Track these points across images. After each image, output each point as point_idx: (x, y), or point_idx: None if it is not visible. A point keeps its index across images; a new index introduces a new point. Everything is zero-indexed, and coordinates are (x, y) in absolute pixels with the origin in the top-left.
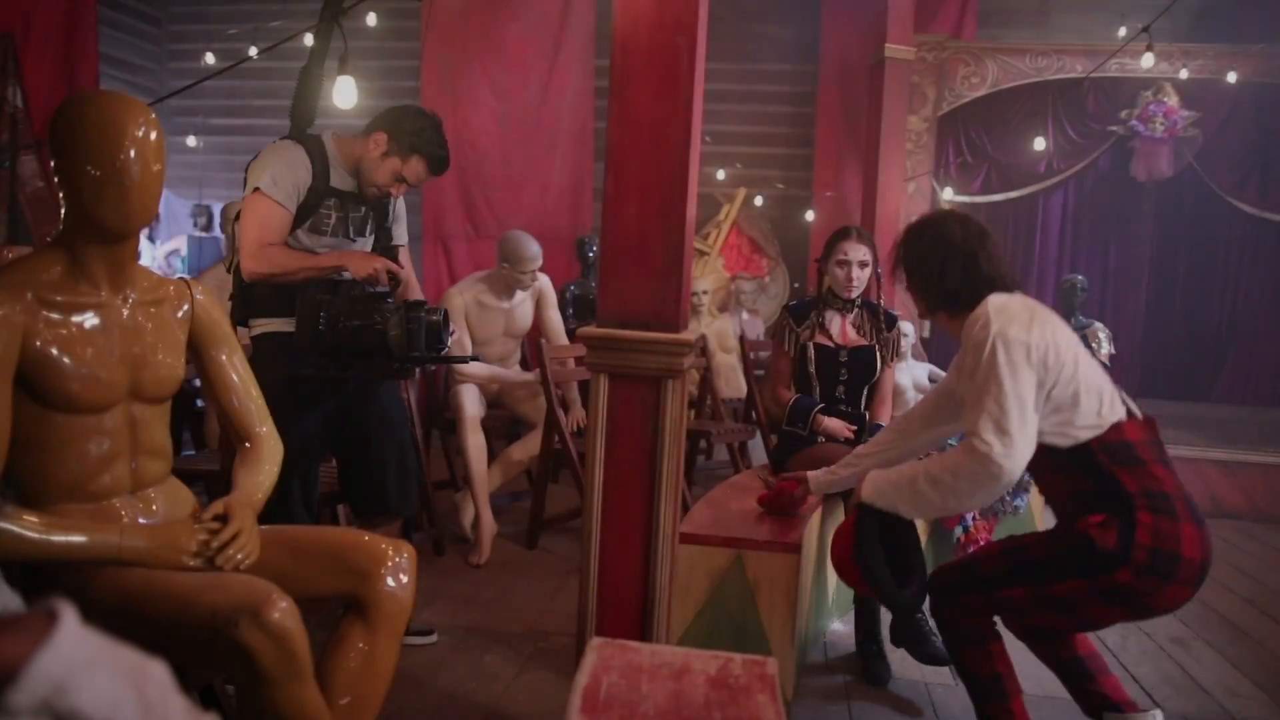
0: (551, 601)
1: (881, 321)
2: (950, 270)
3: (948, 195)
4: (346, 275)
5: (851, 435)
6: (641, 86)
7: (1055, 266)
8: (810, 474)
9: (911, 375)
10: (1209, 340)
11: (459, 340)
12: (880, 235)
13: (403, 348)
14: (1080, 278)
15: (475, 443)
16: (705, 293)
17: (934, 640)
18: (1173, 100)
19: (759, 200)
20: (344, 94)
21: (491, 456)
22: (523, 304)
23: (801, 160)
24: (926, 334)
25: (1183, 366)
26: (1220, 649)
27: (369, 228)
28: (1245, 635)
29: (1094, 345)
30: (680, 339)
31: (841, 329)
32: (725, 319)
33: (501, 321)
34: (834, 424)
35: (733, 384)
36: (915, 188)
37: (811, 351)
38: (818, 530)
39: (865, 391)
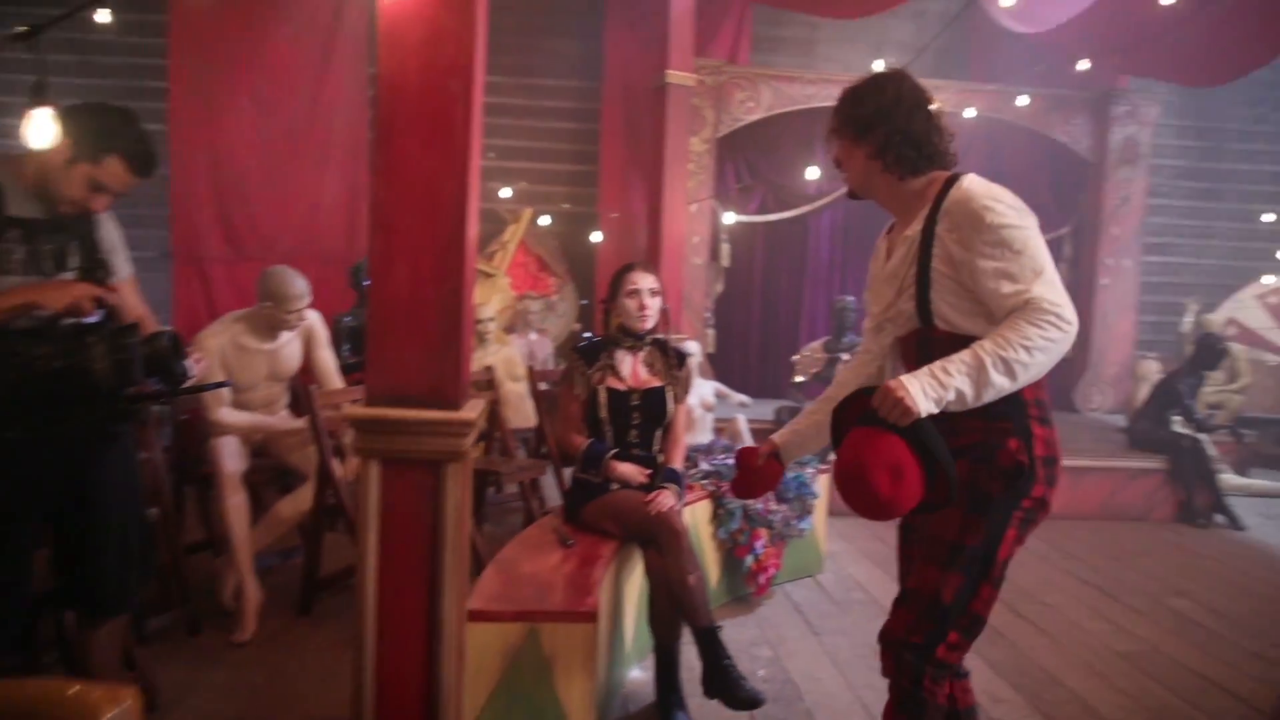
0: (330, 681)
1: (672, 359)
2: (918, 124)
3: (728, 217)
4: (43, 312)
5: (646, 480)
6: (410, 136)
7: (826, 285)
8: (775, 437)
9: (698, 394)
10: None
11: (207, 371)
12: (666, 258)
13: (112, 383)
14: (851, 298)
15: (235, 503)
16: (491, 319)
17: (745, 683)
18: None
19: (545, 219)
20: (39, 130)
21: (259, 508)
22: (289, 344)
23: (587, 177)
24: (712, 349)
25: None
26: (979, 651)
27: (72, 260)
28: (1001, 636)
29: None
30: (463, 418)
31: (633, 369)
32: (513, 344)
33: (265, 365)
34: (627, 469)
35: (522, 413)
36: (697, 208)
37: (603, 395)
38: (613, 580)
39: (658, 433)
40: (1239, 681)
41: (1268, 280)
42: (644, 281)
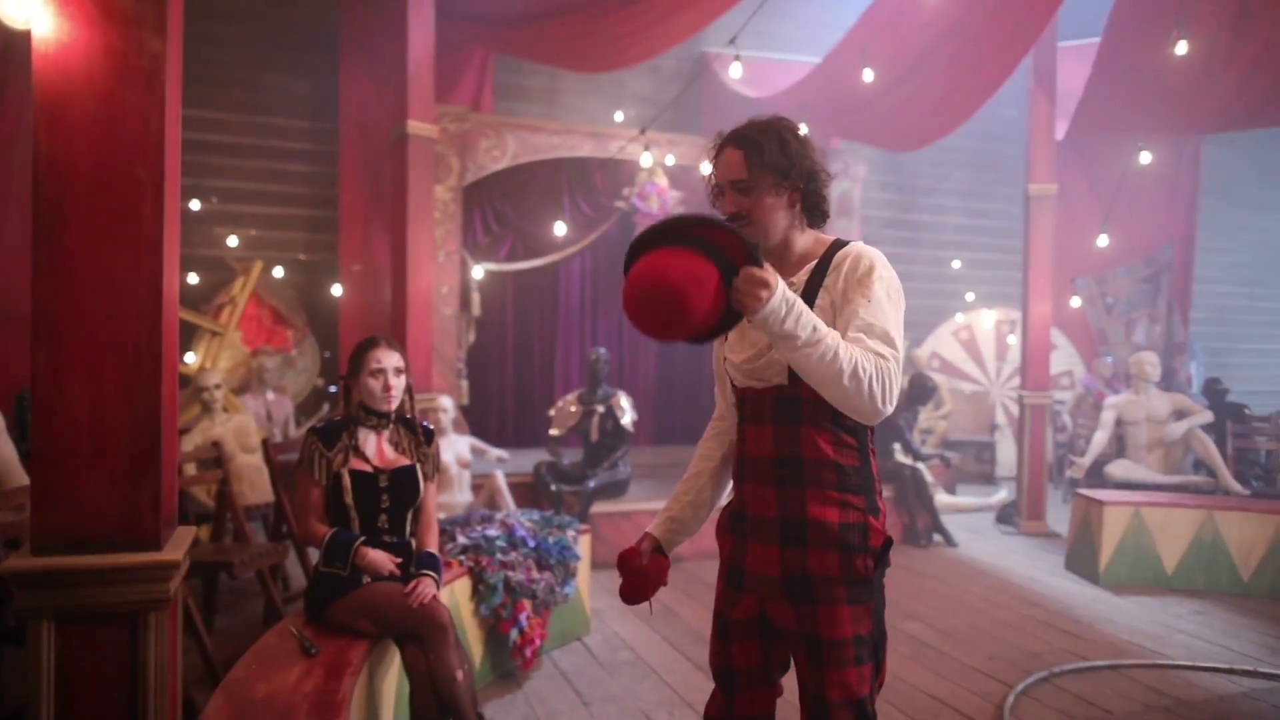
0: None
1: (420, 436)
2: (822, 179)
3: (477, 271)
4: None
5: (397, 570)
6: (83, 230)
7: (579, 330)
8: (653, 530)
9: (454, 450)
10: (707, 383)
11: None
12: (413, 311)
13: None
14: (603, 350)
15: None
16: (218, 385)
17: None
18: (663, 181)
19: (279, 270)
20: None
21: None
22: None
23: (326, 223)
24: (466, 401)
25: (689, 415)
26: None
27: None
28: None
29: (618, 413)
30: (164, 559)
31: (378, 449)
32: (245, 411)
33: None
34: (378, 557)
35: (258, 488)
36: (445, 256)
37: (347, 480)
38: (365, 687)
39: (409, 516)
40: (963, 698)
41: (959, 318)
42: (388, 360)
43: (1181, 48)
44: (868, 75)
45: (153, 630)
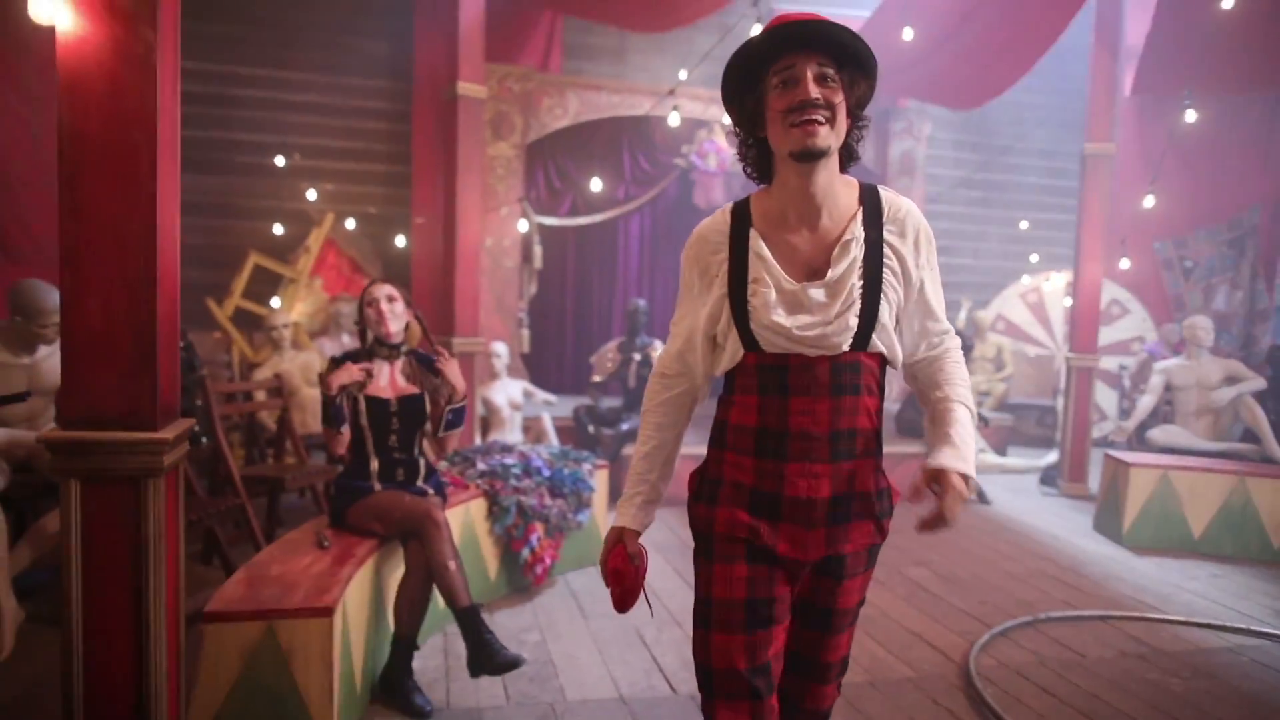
0: None
1: (428, 369)
2: (868, 121)
3: (522, 225)
4: None
5: (362, 374)
6: (95, 181)
7: (636, 285)
8: (622, 525)
9: (506, 393)
10: None
11: None
12: (461, 264)
13: None
14: (642, 302)
15: None
16: (286, 325)
17: (504, 651)
18: (721, 139)
19: (351, 222)
20: None
21: (25, 525)
22: (50, 358)
23: (400, 178)
24: (526, 349)
25: None
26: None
27: None
28: None
29: (655, 359)
30: (158, 438)
31: (391, 379)
32: (313, 350)
33: (24, 379)
34: (343, 371)
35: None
36: (508, 211)
37: (362, 404)
38: (372, 577)
39: (418, 436)
40: (941, 635)
41: (1026, 280)
42: (379, 291)
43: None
44: (908, 34)
45: (151, 493)
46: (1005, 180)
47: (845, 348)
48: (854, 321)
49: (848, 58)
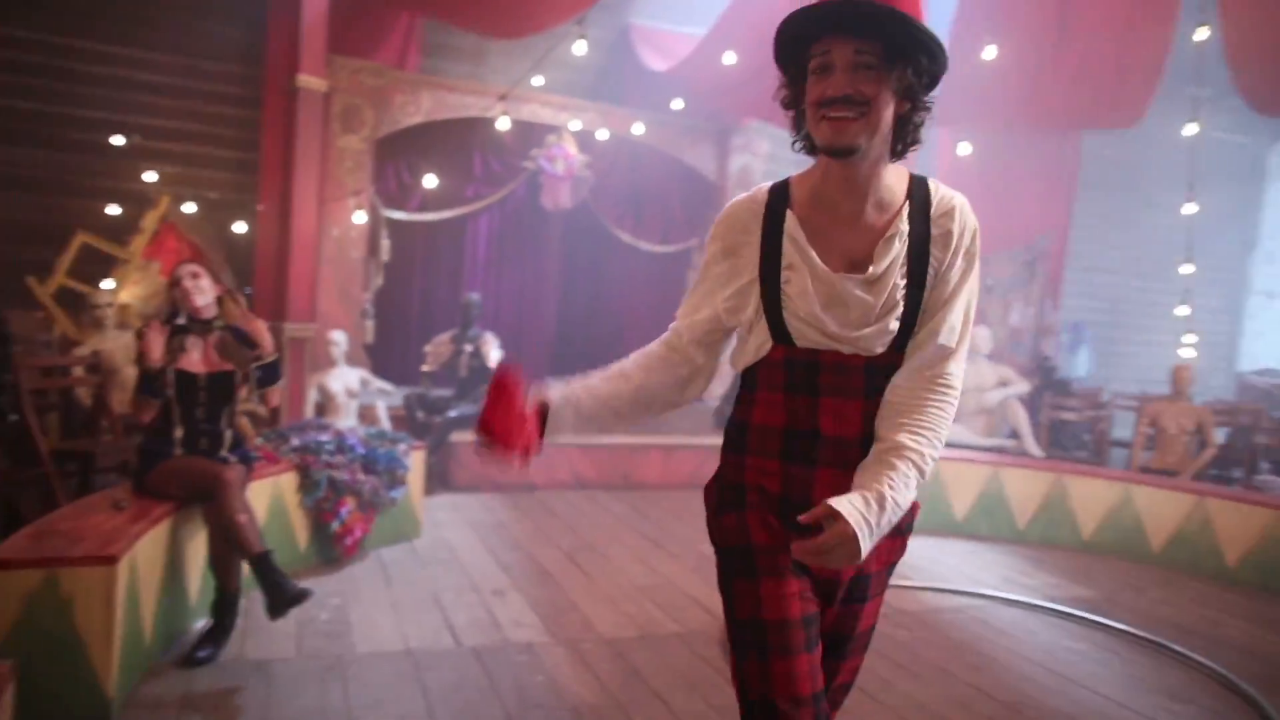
0: None
1: (247, 341)
2: (928, 104)
3: (359, 216)
4: None
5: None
6: None
7: (483, 281)
8: (552, 396)
9: (344, 381)
10: (603, 343)
11: None
12: (295, 250)
13: None
14: (476, 296)
15: None
16: (110, 305)
17: (291, 584)
18: (570, 145)
19: (190, 206)
20: None
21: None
22: None
23: (249, 165)
24: (370, 339)
25: (583, 364)
26: (522, 589)
27: None
28: (550, 577)
29: (485, 352)
30: None
31: (204, 353)
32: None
33: None
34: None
35: None
36: (355, 203)
37: (170, 375)
38: (167, 537)
39: (225, 411)
40: (716, 601)
41: None
42: (184, 270)
43: (990, 53)
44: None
45: None
46: None
47: (884, 349)
48: (894, 325)
49: (893, 42)
